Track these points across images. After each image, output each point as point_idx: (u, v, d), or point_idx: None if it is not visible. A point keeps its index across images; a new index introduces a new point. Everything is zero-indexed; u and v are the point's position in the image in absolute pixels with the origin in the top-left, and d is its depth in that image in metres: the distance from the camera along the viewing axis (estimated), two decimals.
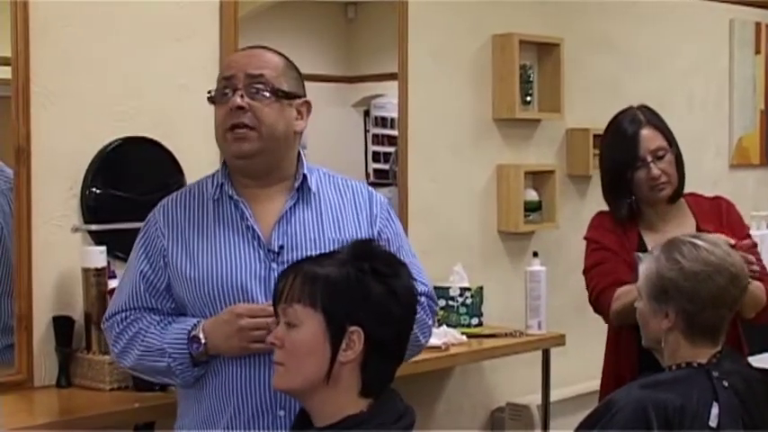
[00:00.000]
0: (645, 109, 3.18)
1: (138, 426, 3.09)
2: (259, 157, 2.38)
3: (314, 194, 2.45)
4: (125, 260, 3.27)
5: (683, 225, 3.09)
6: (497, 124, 4.58)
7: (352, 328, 2.07)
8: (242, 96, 2.35)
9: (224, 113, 2.38)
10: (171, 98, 3.49)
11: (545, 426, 4.17)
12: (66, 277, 3.21)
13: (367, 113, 4.33)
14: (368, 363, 2.09)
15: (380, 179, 4.28)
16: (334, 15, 4.26)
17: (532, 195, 4.65)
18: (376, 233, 2.46)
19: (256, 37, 3.66)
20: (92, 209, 3.29)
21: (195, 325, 2.34)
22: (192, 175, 3.50)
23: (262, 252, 2.36)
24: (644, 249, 3.03)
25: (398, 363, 2.18)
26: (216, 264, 2.36)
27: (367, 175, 4.31)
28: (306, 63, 4.24)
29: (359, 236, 2.41)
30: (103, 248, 3.20)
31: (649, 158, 3.05)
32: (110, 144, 3.34)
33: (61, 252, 3.22)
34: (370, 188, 2.57)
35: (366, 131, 4.34)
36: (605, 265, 3.09)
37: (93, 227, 3.28)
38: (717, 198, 3.22)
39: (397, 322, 2.13)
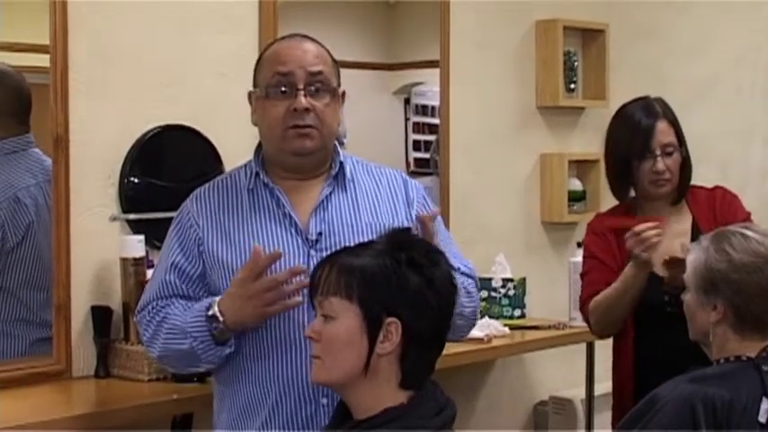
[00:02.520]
0: (661, 102, 3.13)
1: (177, 417, 3.07)
2: (317, 154, 2.39)
3: (349, 181, 2.44)
4: None
5: (679, 222, 3.07)
6: (541, 112, 4.56)
7: (390, 320, 2.04)
8: (305, 97, 2.34)
9: (284, 112, 2.35)
10: (210, 86, 3.48)
11: (589, 420, 4.14)
12: (104, 267, 3.21)
13: (407, 101, 4.32)
14: (406, 354, 2.06)
15: (421, 168, 4.26)
16: (374, 2, 4.25)
17: (576, 185, 4.62)
18: (414, 216, 2.44)
19: (296, 25, 3.64)
20: (130, 198, 3.28)
21: (211, 304, 2.31)
22: (230, 164, 3.48)
23: (300, 239, 2.36)
24: None
25: (438, 353, 2.15)
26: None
27: (407, 164, 4.30)
28: (346, 50, 4.26)
29: (395, 220, 2.40)
30: (142, 238, 3.19)
31: (658, 152, 3.02)
32: (148, 132, 3.33)
33: (99, 241, 3.21)
34: (404, 174, 2.57)
35: (406, 120, 4.33)
36: (590, 275, 3.09)
37: (132, 216, 3.27)
38: (715, 189, 3.18)
39: (436, 312, 2.10)
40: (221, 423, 2.43)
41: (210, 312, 2.30)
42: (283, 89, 2.36)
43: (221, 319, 2.29)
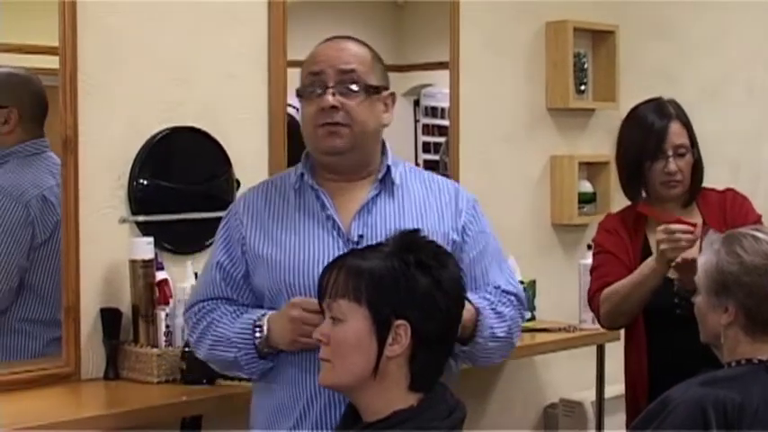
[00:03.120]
0: (674, 103, 3.12)
1: (186, 419, 3.07)
2: (350, 153, 2.37)
3: (397, 187, 2.42)
4: (172, 251, 3.32)
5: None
6: (551, 114, 4.54)
7: (399, 322, 2.04)
8: (333, 95, 2.33)
9: (314, 111, 2.35)
10: (219, 87, 3.47)
11: (599, 423, 4.13)
12: (113, 269, 3.21)
13: (417, 103, 4.30)
14: (416, 356, 2.06)
15: (430, 170, 4.24)
16: (383, 3, 4.24)
17: (587, 187, 4.61)
18: (460, 228, 2.43)
19: (305, 25, 3.64)
20: (139, 200, 3.28)
21: (261, 316, 2.34)
22: (239, 166, 3.48)
23: (341, 241, 2.35)
24: (648, 252, 3.01)
25: (447, 355, 2.15)
26: (296, 249, 2.35)
27: (417, 165, 4.27)
28: None
29: (441, 229, 2.38)
30: (151, 240, 3.19)
31: (670, 153, 3.01)
32: (157, 134, 3.33)
33: (108, 243, 3.21)
34: (456, 184, 2.54)
35: (416, 121, 4.31)
36: (601, 269, 3.08)
37: (141, 218, 3.27)
38: (725, 191, 3.17)
39: (445, 314, 2.09)
40: (258, 422, 2.44)
41: (258, 322, 2.33)
42: (314, 88, 2.35)
43: (264, 331, 2.31)
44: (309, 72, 2.38)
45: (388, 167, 2.42)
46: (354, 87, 2.34)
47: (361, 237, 2.34)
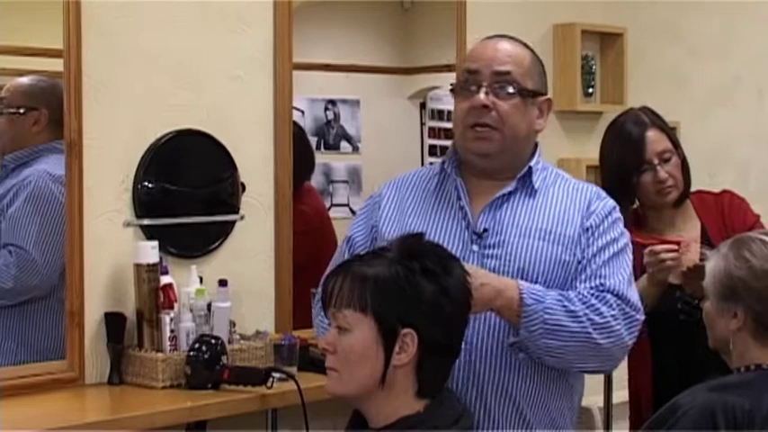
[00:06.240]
0: (648, 110, 3.12)
1: (190, 425, 3.05)
2: (497, 156, 2.35)
3: (537, 190, 2.39)
4: (177, 255, 3.31)
5: (688, 228, 3.04)
6: (558, 117, 4.53)
7: (405, 331, 2.02)
8: (486, 94, 2.31)
9: (466, 109, 2.33)
10: (224, 90, 3.45)
11: (607, 428, 4.10)
12: (117, 273, 3.19)
13: (423, 106, 4.29)
14: (423, 363, 2.05)
15: None
16: (389, 5, 4.23)
17: None
18: (586, 227, 2.37)
19: (311, 28, 3.63)
20: (144, 203, 3.26)
21: None
22: (245, 169, 3.47)
23: (467, 232, 2.34)
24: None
25: (454, 360, 2.14)
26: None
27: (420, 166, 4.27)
28: (361, 54, 4.25)
29: (567, 231, 2.34)
30: (156, 243, 3.17)
31: (656, 161, 3.01)
32: (162, 137, 3.31)
33: (113, 247, 3.19)
34: (600, 191, 2.46)
35: (422, 124, 4.30)
36: None
37: (146, 221, 3.25)
38: (722, 193, 3.17)
39: (451, 320, 2.08)
40: None
41: None
42: (468, 86, 2.34)
43: None
44: (465, 69, 2.36)
45: (530, 168, 2.39)
46: (509, 90, 2.32)
47: (485, 230, 2.33)
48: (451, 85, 2.39)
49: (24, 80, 3.32)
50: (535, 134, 2.40)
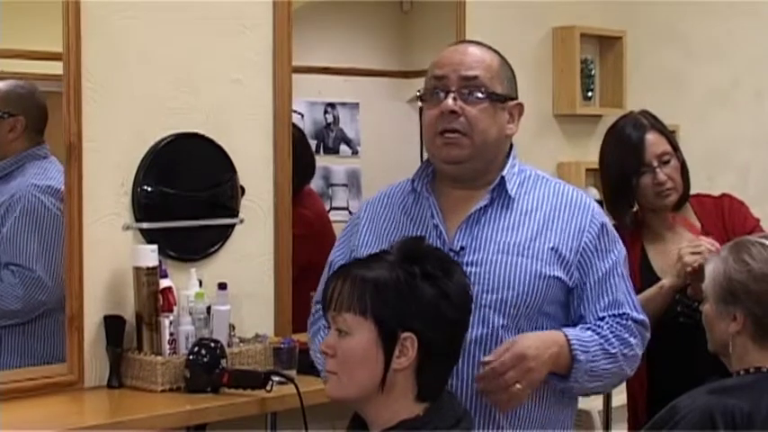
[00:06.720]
0: (647, 114, 3.13)
1: (190, 428, 3.05)
2: (468, 162, 2.30)
3: (513, 199, 2.33)
4: (177, 259, 3.31)
5: (687, 233, 3.03)
6: (558, 120, 4.53)
7: (405, 335, 2.01)
8: (455, 99, 2.28)
9: (435, 116, 2.31)
10: (224, 93, 3.46)
11: (606, 431, 4.09)
12: (117, 276, 3.19)
13: (422, 110, 4.27)
14: (423, 367, 2.04)
15: None
16: (389, 8, 4.23)
17: (594, 193, 4.57)
18: (580, 248, 2.31)
19: (310, 31, 3.63)
20: (143, 206, 3.26)
21: None
22: (244, 173, 3.47)
23: (444, 250, 2.28)
24: (647, 263, 3.02)
25: (454, 363, 2.13)
26: None
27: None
28: (360, 57, 4.24)
29: (558, 247, 2.29)
30: (155, 247, 3.17)
31: (655, 163, 3.01)
32: (161, 141, 3.31)
33: (112, 251, 3.19)
34: (589, 199, 2.40)
35: (421, 128, 4.28)
36: None
37: (145, 225, 3.26)
38: (721, 196, 3.17)
39: (451, 325, 2.07)
40: None
41: None
42: (436, 92, 2.31)
43: None
44: (433, 76, 2.33)
45: (502, 178, 2.32)
46: (478, 95, 2.28)
47: (462, 248, 2.28)
48: (418, 92, 2.36)
49: (1, 85, 3.30)
50: (507, 139, 2.36)
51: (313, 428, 2.84)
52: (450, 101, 2.27)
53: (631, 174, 3.00)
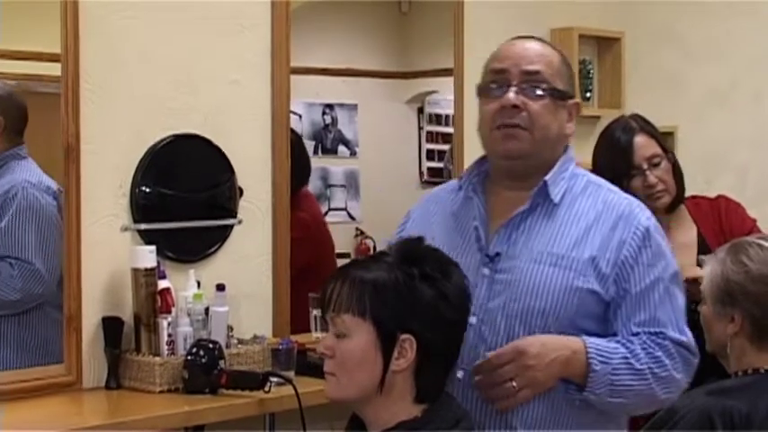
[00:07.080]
0: (637, 117, 3.14)
1: (188, 429, 3.05)
2: (526, 158, 2.22)
3: (556, 205, 2.23)
4: (175, 260, 3.31)
5: (684, 233, 3.04)
6: None
7: (404, 336, 2.01)
8: (516, 93, 2.20)
9: (494, 110, 2.22)
10: (222, 94, 3.45)
11: None
12: (115, 277, 3.19)
13: (421, 110, 4.30)
14: (421, 369, 2.04)
15: (434, 178, 4.24)
16: (387, 9, 4.23)
17: None
18: (619, 261, 2.19)
19: (309, 32, 3.63)
20: (141, 208, 3.26)
21: None
22: (243, 174, 3.46)
23: (480, 254, 2.23)
24: None
25: (453, 364, 2.12)
26: None
27: (420, 173, 4.27)
28: (358, 58, 4.25)
29: (596, 259, 2.18)
30: (153, 248, 3.16)
31: (645, 166, 3.02)
32: (160, 142, 3.31)
33: (110, 252, 3.19)
34: (639, 210, 2.26)
35: (420, 129, 4.30)
36: None
37: (143, 226, 3.25)
38: (717, 198, 3.18)
39: (450, 326, 2.07)
40: None
41: None
42: (496, 86, 2.23)
43: None
44: (491, 69, 2.25)
45: (544, 183, 2.23)
46: (539, 90, 2.21)
47: (497, 254, 2.21)
48: (478, 85, 2.29)
49: None
50: (564, 139, 2.28)
51: (311, 429, 2.84)
52: (511, 94, 2.19)
53: (622, 176, 3.01)
